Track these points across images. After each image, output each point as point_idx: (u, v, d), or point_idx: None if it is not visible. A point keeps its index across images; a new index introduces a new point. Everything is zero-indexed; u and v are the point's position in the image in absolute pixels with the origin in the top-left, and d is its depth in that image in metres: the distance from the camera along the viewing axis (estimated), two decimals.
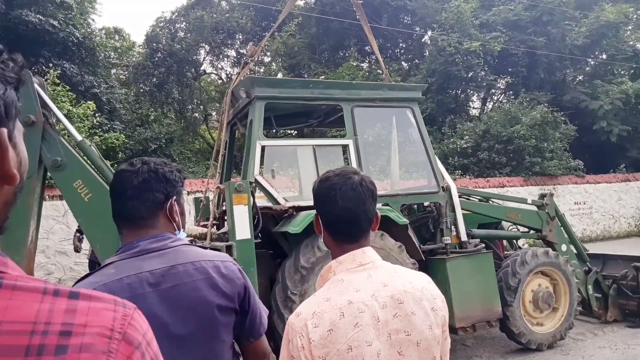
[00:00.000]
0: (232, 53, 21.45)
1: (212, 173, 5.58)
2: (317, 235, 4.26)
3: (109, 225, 4.26)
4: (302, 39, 20.50)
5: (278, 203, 4.55)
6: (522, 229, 6.05)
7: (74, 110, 12.01)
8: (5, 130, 0.64)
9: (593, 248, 9.89)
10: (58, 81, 12.00)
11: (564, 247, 5.99)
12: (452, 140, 16.53)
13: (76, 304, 0.63)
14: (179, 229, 1.49)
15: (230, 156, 5.69)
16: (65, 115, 11.68)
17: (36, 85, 4.06)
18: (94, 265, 6.40)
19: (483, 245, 5.28)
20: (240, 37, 20.90)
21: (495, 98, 21.68)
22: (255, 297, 1.50)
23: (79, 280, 1.33)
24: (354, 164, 4.85)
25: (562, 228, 6.11)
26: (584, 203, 16.59)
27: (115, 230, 4.24)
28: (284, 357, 1.25)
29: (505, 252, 6.01)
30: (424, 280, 1.38)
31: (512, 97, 19.62)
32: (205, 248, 1.50)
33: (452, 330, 4.95)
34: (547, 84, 19.37)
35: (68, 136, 4.60)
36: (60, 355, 0.58)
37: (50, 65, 13.92)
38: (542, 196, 6.19)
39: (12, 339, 0.56)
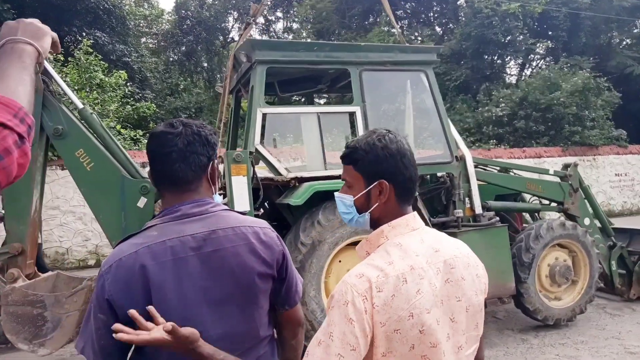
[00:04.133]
0: (260, 19, 21.13)
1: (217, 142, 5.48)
2: (319, 208, 4.20)
3: (112, 193, 4.28)
4: (331, 3, 19.90)
5: (280, 174, 4.41)
6: (544, 201, 5.70)
7: (106, 79, 12.17)
8: None
9: (634, 222, 9.37)
10: (91, 50, 12.11)
11: (586, 221, 5.61)
12: (487, 108, 15.86)
13: None
14: (215, 193, 1.48)
15: (236, 124, 5.55)
16: (98, 85, 11.94)
17: None
18: None
19: (498, 218, 5.00)
20: (269, 2, 20.51)
21: (534, 64, 20.53)
22: (292, 265, 1.51)
23: (121, 242, 1.33)
24: (361, 133, 4.64)
25: (585, 200, 5.71)
26: (626, 175, 15.70)
27: (118, 198, 4.22)
28: (335, 322, 1.15)
29: (524, 226, 5.70)
30: (467, 247, 1.39)
31: (552, 62, 18.51)
32: (244, 214, 1.47)
33: None
34: (590, 49, 18.15)
35: (71, 105, 4.58)
36: None
37: (83, 34, 14.07)
38: (566, 166, 5.78)
39: None
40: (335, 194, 1.41)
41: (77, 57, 11.89)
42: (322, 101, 13.42)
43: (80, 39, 13.77)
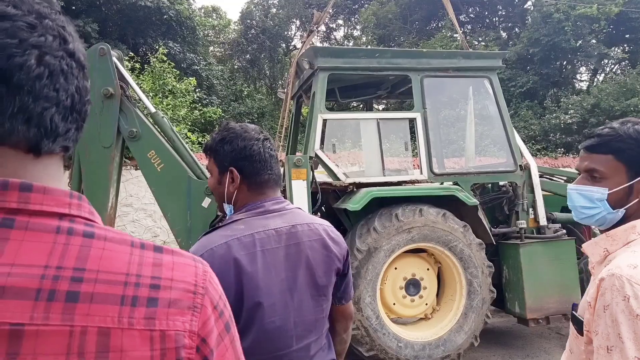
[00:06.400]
0: (322, 27, 21.42)
1: (277, 146, 5.65)
2: (375, 214, 4.20)
3: (179, 193, 4.50)
4: (393, 9, 19.82)
5: (338, 179, 4.47)
6: None
7: (177, 85, 12.85)
8: None
9: None
10: (165, 59, 12.82)
11: None
12: (554, 115, 15.10)
13: (162, 258, 0.65)
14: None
15: (296, 129, 5.68)
16: (170, 91, 12.63)
17: (114, 59, 4.28)
18: None
19: (564, 231, 4.77)
20: (331, 10, 20.77)
21: (608, 69, 19.31)
22: (351, 263, 1.64)
23: (207, 232, 1.44)
24: (422, 139, 4.61)
25: None
26: None
27: (185, 197, 4.43)
28: (621, 321, 1.04)
29: None
30: None
31: (629, 67, 17.33)
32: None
33: (523, 321, 4.61)
34: None
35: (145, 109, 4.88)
36: (152, 308, 0.60)
37: (159, 45, 14.91)
38: None
39: (108, 288, 0.58)
40: (571, 186, 1.32)
41: (152, 65, 12.63)
42: (380, 106, 13.36)
43: (157, 47, 14.62)
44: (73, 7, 13.35)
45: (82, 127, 0.66)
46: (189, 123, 12.51)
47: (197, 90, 14.52)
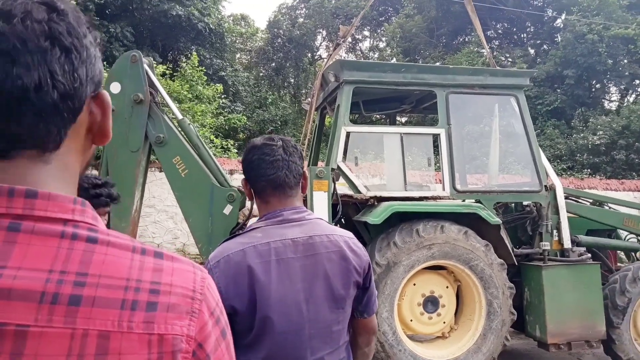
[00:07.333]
0: (349, 38, 21.52)
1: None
2: (395, 229, 4.18)
3: (202, 199, 4.56)
4: (420, 22, 19.81)
5: (359, 192, 4.47)
6: None
7: (204, 91, 13.06)
8: (106, 93, 0.71)
9: None
10: (197, 65, 13.03)
11: None
12: (582, 135, 14.83)
13: (162, 264, 0.66)
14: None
15: (319, 140, 5.71)
16: (196, 97, 12.83)
17: (145, 66, 4.38)
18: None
19: (589, 255, 4.66)
20: (358, 23, 20.88)
21: (639, 90, 18.89)
22: (373, 276, 1.59)
23: (226, 240, 1.47)
24: (445, 155, 4.58)
25: None
26: None
27: (207, 204, 4.49)
28: None
29: (619, 265, 5.25)
30: None
31: None
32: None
33: (544, 345, 4.50)
34: None
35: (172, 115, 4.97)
36: (151, 312, 0.61)
37: (189, 50, 15.18)
38: None
39: (109, 292, 0.60)
40: None
41: (183, 69, 12.85)
42: (403, 119, 13.31)
43: (186, 53, 14.88)
44: (107, 11, 13.74)
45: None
46: (213, 128, 12.68)
47: (222, 96, 14.73)
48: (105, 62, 10.05)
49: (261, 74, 20.80)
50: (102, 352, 0.57)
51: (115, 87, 4.28)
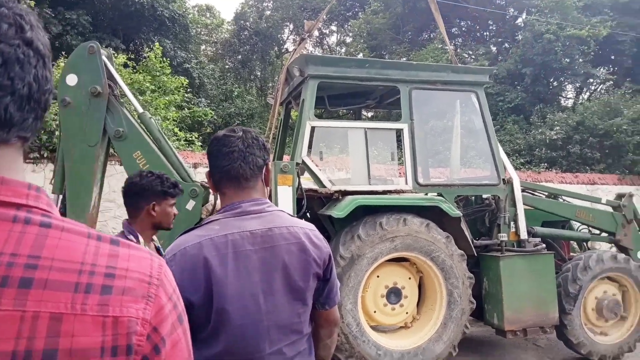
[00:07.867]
0: (315, 32, 21.49)
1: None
2: (359, 222, 4.24)
3: None
4: (386, 19, 19.97)
5: (324, 186, 4.50)
6: (594, 230, 5.48)
7: (168, 83, 12.72)
8: None
9: None
10: (161, 55, 12.67)
11: None
12: (540, 130, 15.34)
13: (118, 250, 0.66)
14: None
15: (284, 134, 5.70)
16: (159, 88, 12.50)
17: (104, 57, 4.25)
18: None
19: (543, 245, 4.86)
20: (324, 18, 20.84)
21: (593, 88, 19.69)
22: (334, 268, 1.59)
23: (184, 232, 1.45)
24: (408, 150, 4.66)
25: None
26: None
27: None
28: None
29: (572, 255, 5.50)
30: None
31: (612, 87, 17.71)
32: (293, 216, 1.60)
33: (502, 332, 4.67)
34: None
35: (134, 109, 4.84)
36: (106, 295, 0.61)
37: (152, 42, 14.73)
38: (620, 196, 5.54)
39: (62, 276, 0.59)
40: None
41: (147, 60, 12.50)
42: (369, 114, 13.42)
43: (149, 44, 14.46)
44: None
45: (41, 117, 0.66)
46: (177, 121, 12.43)
47: (187, 90, 14.44)
48: (62, 52, 9.65)
49: (227, 67, 20.49)
50: (53, 334, 0.56)
51: (72, 79, 4.13)
